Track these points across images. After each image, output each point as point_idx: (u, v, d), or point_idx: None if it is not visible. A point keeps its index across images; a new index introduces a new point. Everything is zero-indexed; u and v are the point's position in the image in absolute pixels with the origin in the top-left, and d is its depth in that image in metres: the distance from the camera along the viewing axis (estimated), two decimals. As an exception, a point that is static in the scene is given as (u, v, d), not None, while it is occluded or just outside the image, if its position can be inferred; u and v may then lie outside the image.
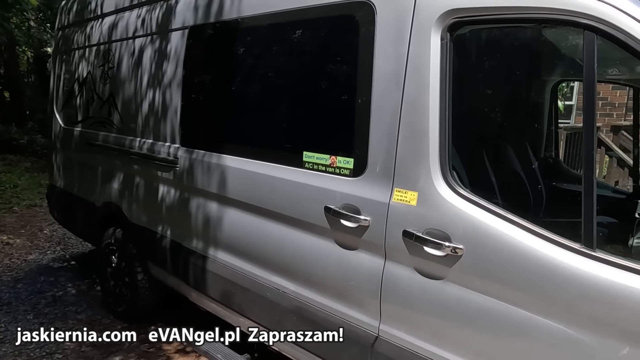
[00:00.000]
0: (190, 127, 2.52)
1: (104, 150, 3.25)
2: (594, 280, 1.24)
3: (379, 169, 1.67)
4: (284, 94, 2.10)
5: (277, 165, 2.00)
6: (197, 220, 2.47)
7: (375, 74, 1.68)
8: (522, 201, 1.95)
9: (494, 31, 1.68)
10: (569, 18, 1.31)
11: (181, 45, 2.55)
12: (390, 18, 1.64)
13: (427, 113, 1.55)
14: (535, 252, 1.33)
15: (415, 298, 1.61)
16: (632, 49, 1.22)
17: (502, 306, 1.41)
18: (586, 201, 1.28)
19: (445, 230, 1.50)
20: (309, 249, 1.91)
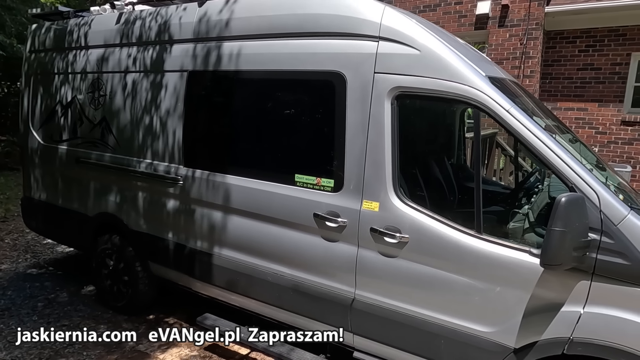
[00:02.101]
0: (194, 151, 3.14)
1: (97, 167, 3.70)
2: (482, 252, 2.18)
3: (352, 187, 2.50)
4: (281, 132, 2.82)
5: (275, 184, 2.74)
6: (203, 225, 3.11)
7: (347, 123, 2.49)
8: (442, 203, 2.88)
9: (424, 100, 2.56)
10: (463, 99, 2.23)
11: (180, 84, 3.14)
12: (357, 86, 2.45)
13: (383, 150, 2.40)
14: (450, 237, 2.25)
15: (379, 271, 2.47)
16: (492, 117, 2.17)
17: (434, 271, 2.32)
18: (476, 202, 2.21)
19: (397, 226, 2.37)
20: (302, 243, 2.69)
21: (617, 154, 7.45)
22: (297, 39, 2.65)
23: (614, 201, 1.95)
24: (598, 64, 7.44)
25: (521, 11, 7.28)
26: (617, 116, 7.41)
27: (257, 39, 2.82)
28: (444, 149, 3.09)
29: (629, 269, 1.90)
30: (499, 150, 6.02)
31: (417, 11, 8.10)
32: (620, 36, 7.21)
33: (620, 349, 1.91)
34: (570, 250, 1.87)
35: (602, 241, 1.92)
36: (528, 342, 2.11)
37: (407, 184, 2.51)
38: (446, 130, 3.26)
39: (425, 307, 2.36)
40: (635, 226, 1.91)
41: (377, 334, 2.52)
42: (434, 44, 2.30)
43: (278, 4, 2.76)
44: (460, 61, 2.26)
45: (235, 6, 2.92)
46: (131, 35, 3.42)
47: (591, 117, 7.62)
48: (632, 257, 1.89)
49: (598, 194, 1.95)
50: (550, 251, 1.87)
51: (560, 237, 1.83)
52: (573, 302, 2.01)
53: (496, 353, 2.20)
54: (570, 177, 2.00)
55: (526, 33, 7.24)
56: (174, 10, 3.23)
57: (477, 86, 2.18)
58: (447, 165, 2.84)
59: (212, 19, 3.00)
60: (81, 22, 3.82)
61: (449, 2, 7.85)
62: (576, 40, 7.57)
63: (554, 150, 2.04)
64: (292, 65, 2.67)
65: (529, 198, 3.07)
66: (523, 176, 3.85)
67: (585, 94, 7.62)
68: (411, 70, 2.32)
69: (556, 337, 2.04)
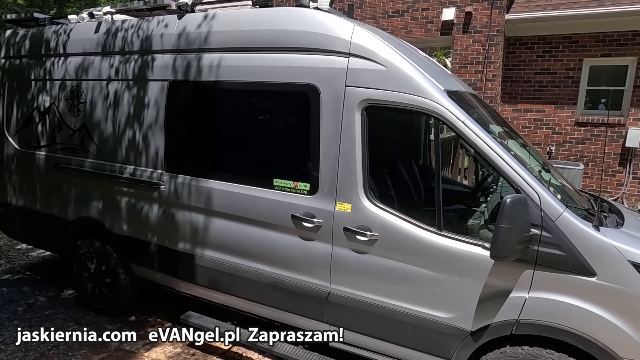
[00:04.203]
0: (175, 157, 3.29)
1: (78, 173, 3.78)
2: (442, 247, 2.46)
3: (326, 190, 2.73)
4: (260, 139, 3.01)
5: (255, 188, 2.94)
6: (185, 228, 3.27)
7: (322, 131, 2.71)
8: (408, 203, 3.15)
9: (390, 111, 2.81)
10: (424, 111, 2.50)
11: (161, 93, 3.28)
12: (330, 98, 2.68)
13: (354, 157, 2.64)
14: (415, 234, 2.51)
15: (352, 266, 2.71)
16: (450, 127, 2.45)
17: (401, 265, 2.58)
18: (437, 202, 2.48)
19: (367, 225, 2.62)
20: (281, 242, 2.90)
21: (572, 153, 8.01)
22: (275, 53, 2.85)
23: (552, 200, 2.27)
24: (554, 69, 7.97)
25: (483, 18, 7.71)
26: (571, 117, 7.96)
27: (237, 51, 3.00)
28: (410, 153, 3.37)
29: (564, 258, 2.21)
30: (463, 150, 6.41)
31: (387, 16, 8.43)
32: (573, 43, 7.75)
33: (558, 327, 2.23)
34: (515, 244, 2.17)
35: (543, 235, 2.23)
36: (482, 325, 2.41)
37: (376, 186, 2.75)
38: (413, 136, 3.54)
39: (393, 298, 2.62)
40: (569, 222, 2.22)
41: (350, 323, 2.77)
42: (398, 61, 2.56)
43: (256, 20, 2.96)
44: (421, 76, 2.52)
45: (214, 21, 3.09)
46: (112, 44, 3.53)
47: (548, 118, 8.15)
48: (566, 248, 2.20)
49: (539, 194, 2.26)
50: (497, 245, 2.16)
51: (506, 232, 2.12)
52: (519, 289, 2.31)
53: (456, 336, 2.48)
54: (515, 180, 2.30)
55: (488, 39, 7.67)
56: (155, 21, 3.37)
57: (436, 99, 2.46)
58: (413, 168, 3.11)
59: (192, 32, 3.16)
60: (59, 30, 3.89)
61: (416, 8, 8.20)
62: (534, 46, 8.07)
63: (502, 157, 2.34)
64: (269, 77, 2.87)
65: (486, 197, 3.39)
66: (483, 176, 4.18)
67: (542, 96, 8.14)
68: (378, 84, 2.57)
69: (506, 320, 2.34)
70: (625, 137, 7.50)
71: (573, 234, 2.21)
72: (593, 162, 7.83)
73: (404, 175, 3.07)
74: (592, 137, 7.79)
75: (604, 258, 2.18)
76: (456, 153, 6.37)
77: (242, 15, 3.08)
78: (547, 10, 7.65)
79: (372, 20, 8.44)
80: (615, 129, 7.62)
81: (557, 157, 8.07)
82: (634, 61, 7.38)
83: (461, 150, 6.39)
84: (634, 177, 7.61)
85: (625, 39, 7.37)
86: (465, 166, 6.71)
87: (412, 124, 3.40)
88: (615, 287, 2.16)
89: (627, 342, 2.14)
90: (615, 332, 2.16)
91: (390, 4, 8.37)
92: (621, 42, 7.41)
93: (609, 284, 2.17)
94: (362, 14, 8.53)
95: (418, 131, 3.50)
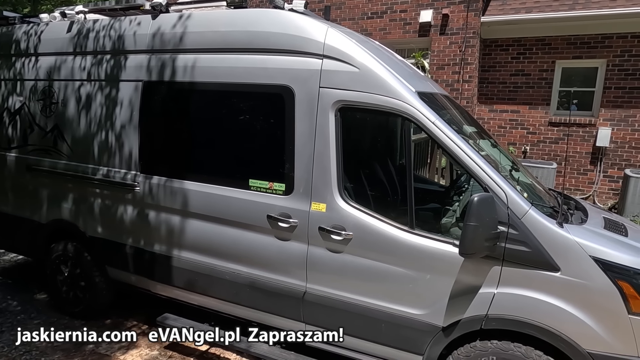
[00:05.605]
0: (150, 159, 3.26)
1: (50, 174, 3.71)
2: (414, 245, 2.51)
3: (302, 190, 2.75)
4: (235, 140, 3.00)
5: (231, 188, 2.94)
6: (161, 229, 3.25)
7: (296, 132, 2.74)
8: (382, 203, 3.19)
9: (364, 112, 2.84)
10: (396, 112, 2.55)
11: (136, 94, 3.26)
12: (305, 99, 2.71)
13: (328, 157, 2.68)
14: (388, 233, 2.56)
15: (327, 265, 2.74)
16: (420, 127, 2.50)
17: (375, 263, 2.62)
18: (409, 201, 2.54)
19: (342, 225, 2.65)
20: (257, 243, 2.91)
21: (546, 152, 8.23)
22: (250, 54, 2.87)
23: (518, 199, 2.34)
24: (528, 70, 8.17)
25: (460, 20, 7.86)
26: (545, 118, 8.18)
27: (212, 52, 3.00)
28: (384, 153, 3.41)
29: (530, 255, 2.29)
30: (440, 150, 6.53)
31: (366, 17, 8.50)
32: (546, 45, 7.96)
33: (525, 321, 2.31)
34: (483, 241, 2.23)
35: (509, 232, 2.31)
36: (453, 321, 2.47)
37: (350, 186, 2.79)
38: (387, 137, 3.59)
39: (367, 296, 2.66)
40: (534, 219, 2.30)
41: (326, 322, 2.80)
42: (371, 63, 2.60)
43: (231, 21, 2.96)
44: (393, 78, 2.57)
45: (189, 21, 3.08)
46: (85, 44, 3.48)
47: (523, 118, 8.36)
48: (532, 245, 2.28)
49: (506, 193, 2.33)
50: (466, 243, 2.22)
51: (473, 230, 2.19)
52: (488, 285, 2.39)
53: (428, 332, 2.54)
54: (483, 179, 2.37)
55: (464, 41, 7.82)
56: (129, 21, 3.33)
57: (407, 101, 2.51)
58: (387, 168, 3.16)
59: (167, 32, 3.14)
60: (30, 29, 3.81)
61: (394, 9, 8.29)
62: (509, 48, 8.26)
63: (470, 157, 2.40)
64: (245, 78, 2.87)
65: (459, 196, 3.46)
66: (457, 175, 4.27)
67: (517, 97, 8.34)
68: (351, 85, 2.61)
69: (475, 315, 2.41)
70: (595, 136, 7.75)
71: (538, 231, 2.29)
72: (566, 161, 8.06)
73: (378, 175, 3.11)
74: (564, 136, 8.02)
75: (567, 254, 2.27)
76: (433, 153, 6.48)
77: (217, 16, 3.08)
78: (520, 13, 7.85)
79: (351, 22, 8.50)
80: (587, 129, 7.86)
81: (532, 157, 8.28)
82: (603, 63, 7.63)
83: (438, 150, 6.51)
84: (604, 175, 7.87)
85: (595, 41, 7.61)
86: (442, 166, 6.83)
87: (386, 124, 3.45)
88: (578, 282, 2.25)
89: (589, 334, 2.23)
90: (578, 324, 2.25)
91: (369, 5, 8.44)
92: (591, 45, 7.65)
93: (572, 279, 2.25)
94: (341, 15, 8.58)
95: (392, 132, 3.55)
